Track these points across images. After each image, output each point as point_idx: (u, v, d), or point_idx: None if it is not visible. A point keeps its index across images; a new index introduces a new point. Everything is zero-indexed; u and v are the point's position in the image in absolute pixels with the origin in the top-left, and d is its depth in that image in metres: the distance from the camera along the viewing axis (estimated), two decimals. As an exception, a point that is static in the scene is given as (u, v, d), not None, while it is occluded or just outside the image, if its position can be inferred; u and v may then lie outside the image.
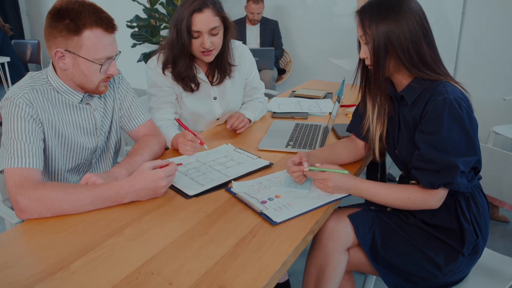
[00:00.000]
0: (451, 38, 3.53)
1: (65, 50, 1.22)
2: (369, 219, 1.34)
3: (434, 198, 1.20)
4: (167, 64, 1.68)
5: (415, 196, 1.21)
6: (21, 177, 1.13)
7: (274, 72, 4.18)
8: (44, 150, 1.27)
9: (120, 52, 1.32)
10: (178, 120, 1.59)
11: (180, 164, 1.32)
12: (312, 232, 1.09)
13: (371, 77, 1.27)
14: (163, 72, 1.69)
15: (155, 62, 1.70)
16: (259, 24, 4.30)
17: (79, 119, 1.36)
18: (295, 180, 1.30)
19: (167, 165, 1.22)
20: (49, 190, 1.11)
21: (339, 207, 1.43)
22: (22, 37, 6.18)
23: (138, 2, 4.14)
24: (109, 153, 1.51)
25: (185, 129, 1.52)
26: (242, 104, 1.96)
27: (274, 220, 1.09)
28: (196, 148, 1.52)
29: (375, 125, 1.35)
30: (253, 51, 4.04)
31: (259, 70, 4.14)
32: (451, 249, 1.24)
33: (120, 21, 5.01)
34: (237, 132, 1.75)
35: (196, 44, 1.62)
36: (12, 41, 4.60)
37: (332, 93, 2.42)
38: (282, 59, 4.59)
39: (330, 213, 1.24)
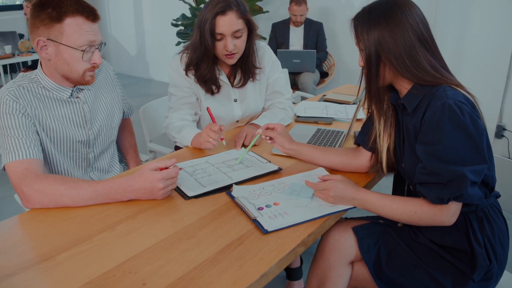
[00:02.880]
0: (504, 44, 3.27)
1: (47, 39, 1.25)
2: (375, 233, 1.26)
3: (445, 213, 1.09)
4: (190, 66, 1.68)
5: (422, 210, 1.11)
6: (23, 169, 1.17)
7: (316, 75, 4.10)
8: (41, 147, 1.30)
9: (105, 43, 1.34)
10: (208, 109, 1.59)
11: (180, 169, 1.32)
12: (304, 245, 1.04)
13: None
14: (186, 74, 1.69)
15: (178, 62, 1.70)
16: (303, 25, 4.23)
17: (68, 112, 1.38)
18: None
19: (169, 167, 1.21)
20: (51, 183, 1.15)
21: (346, 218, 1.36)
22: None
23: (184, 1, 4.23)
24: (109, 149, 1.54)
25: (213, 120, 1.54)
26: (264, 108, 1.91)
27: (265, 228, 1.06)
28: (217, 142, 1.50)
29: (382, 137, 1.28)
30: (294, 53, 4.06)
31: (300, 73, 4.09)
32: (460, 273, 1.13)
33: (168, 19, 5.14)
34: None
35: (219, 46, 1.61)
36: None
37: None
38: (325, 62, 4.49)
39: (330, 225, 1.18)
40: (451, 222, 1.11)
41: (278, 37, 4.32)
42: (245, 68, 1.73)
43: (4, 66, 4.77)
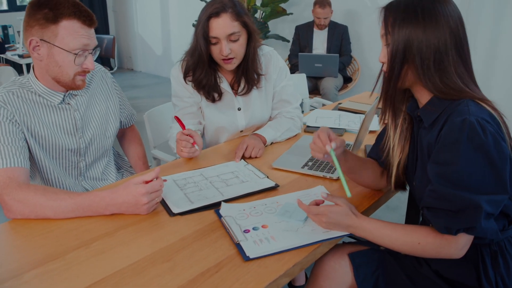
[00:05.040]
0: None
1: (40, 40, 1.22)
2: (374, 261, 1.16)
3: (453, 245, 0.97)
4: (188, 72, 1.62)
5: (427, 241, 1.00)
6: (5, 178, 1.14)
7: (338, 81, 3.97)
8: (30, 154, 1.27)
9: (99, 48, 1.30)
10: (176, 118, 1.51)
11: (165, 180, 1.25)
12: (288, 275, 0.95)
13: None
14: (185, 81, 1.63)
15: (178, 71, 1.64)
16: (327, 29, 4.11)
17: (58, 119, 1.34)
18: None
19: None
20: (32, 194, 1.11)
21: (344, 242, 1.26)
22: (107, 32, 6.64)
23: (205, 2, 4.19)
24: (103, 158, 1.49)
25: (182, 127, 1.47)
26: (270, 117, 1.82)
27: (247, 254, 0.97)
28: (190, 150, 1.44)
29: (395, 150, 1.16)
30: (316, 57, 3.95)
31: (322, 77, 3.96)
32: None
33: (192, 20, 5.07)
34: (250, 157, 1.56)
35: (215, 51, 1.54)
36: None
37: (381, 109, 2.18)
38: (349, 66, 4.35)
39: (322, 253, 1.08)
40: (459, 255, 0.99)
41: (301, 40, 4.22)
42: (247, 75, 1.64)
43: (28, 65, 4.87)
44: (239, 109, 1.71)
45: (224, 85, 1.66)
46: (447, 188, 0.94)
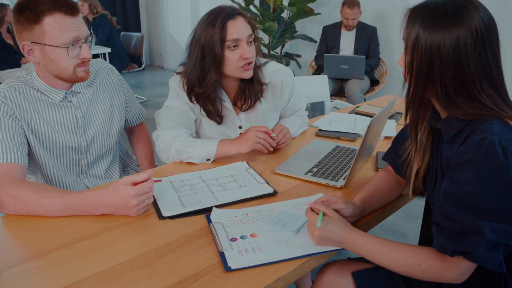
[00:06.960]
0: None
1: (31, 42, 1.21)
2: (380, 281, 1.08)
3: (454, 269, 0.90)
4: (193, 88, 1.48)
5: (427, 263, 0.92)
6: (0, 174, 1.14)
7: (364, 83, 3.85)
8: (30, 151, 1.28)
9: (92, 35, 1.29)
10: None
11: (160, 180, 1.23)
12: (270, 289, 0.90)
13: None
14: (190, 100, 1.52)
15: (179, 79, 1.53)
16: (355, 30, 4.00)
17: (59, 117, 1.34)
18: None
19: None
20: (25, 190, 1.11)
21: (348, 258, 1.19)
22: (139, 29, 6.76)
23: (232, 1, 4.18)
24: (106, 156, 1.48)
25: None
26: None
27: (229, 265, 0.93)
28: (265, 145, 1.44)
29: (414, 157, 1.08)
30: (342, 59, 3.86)
31: (347, 79, 3.86)
32: None
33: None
34: (277, 147, 1.55)
35: (234, 57, 1.41)
36: (121, 33, 5.04)
37: (401, 114, 2.09)
38: (377, 69, 4.22)
39: (312, 267, 1.01)
40: (460, 280, 0.91)
41: (329, 41, 4.13)
42: (250, 88, 1.55)
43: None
44: (240, 127, 1.64)
45: (227, 104, 1.57)
46: (454, 208, 0.87)
